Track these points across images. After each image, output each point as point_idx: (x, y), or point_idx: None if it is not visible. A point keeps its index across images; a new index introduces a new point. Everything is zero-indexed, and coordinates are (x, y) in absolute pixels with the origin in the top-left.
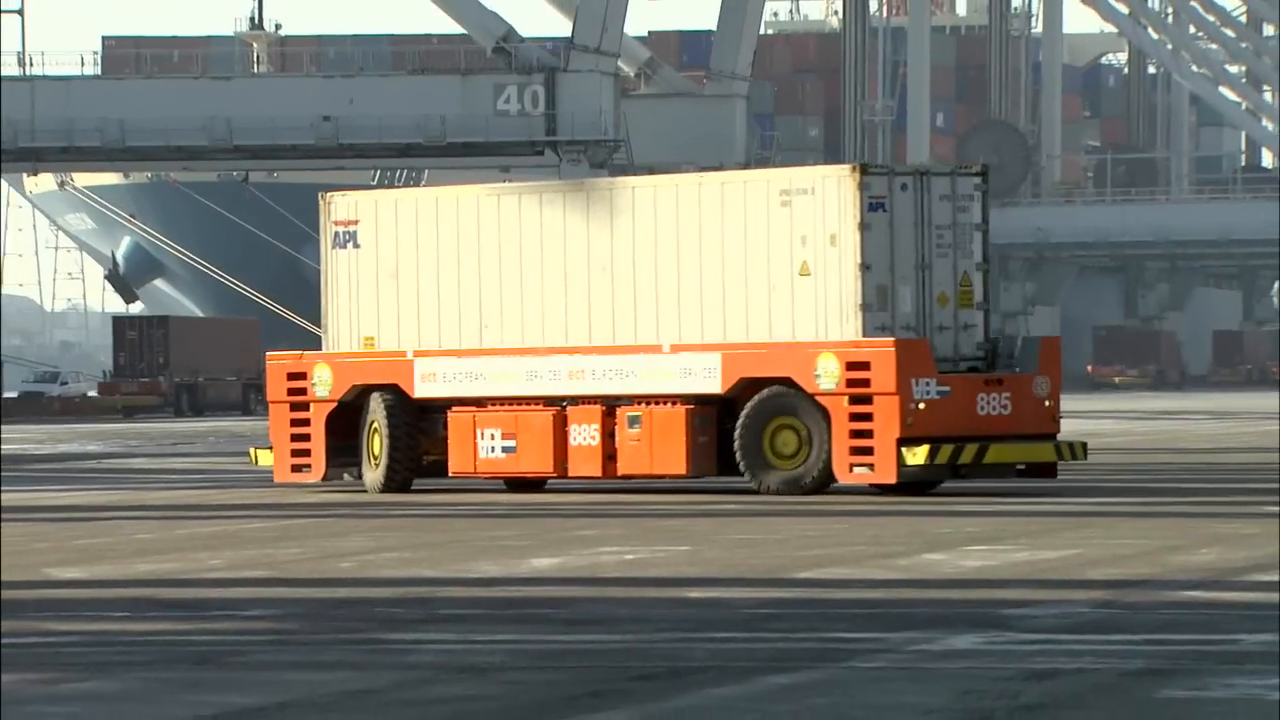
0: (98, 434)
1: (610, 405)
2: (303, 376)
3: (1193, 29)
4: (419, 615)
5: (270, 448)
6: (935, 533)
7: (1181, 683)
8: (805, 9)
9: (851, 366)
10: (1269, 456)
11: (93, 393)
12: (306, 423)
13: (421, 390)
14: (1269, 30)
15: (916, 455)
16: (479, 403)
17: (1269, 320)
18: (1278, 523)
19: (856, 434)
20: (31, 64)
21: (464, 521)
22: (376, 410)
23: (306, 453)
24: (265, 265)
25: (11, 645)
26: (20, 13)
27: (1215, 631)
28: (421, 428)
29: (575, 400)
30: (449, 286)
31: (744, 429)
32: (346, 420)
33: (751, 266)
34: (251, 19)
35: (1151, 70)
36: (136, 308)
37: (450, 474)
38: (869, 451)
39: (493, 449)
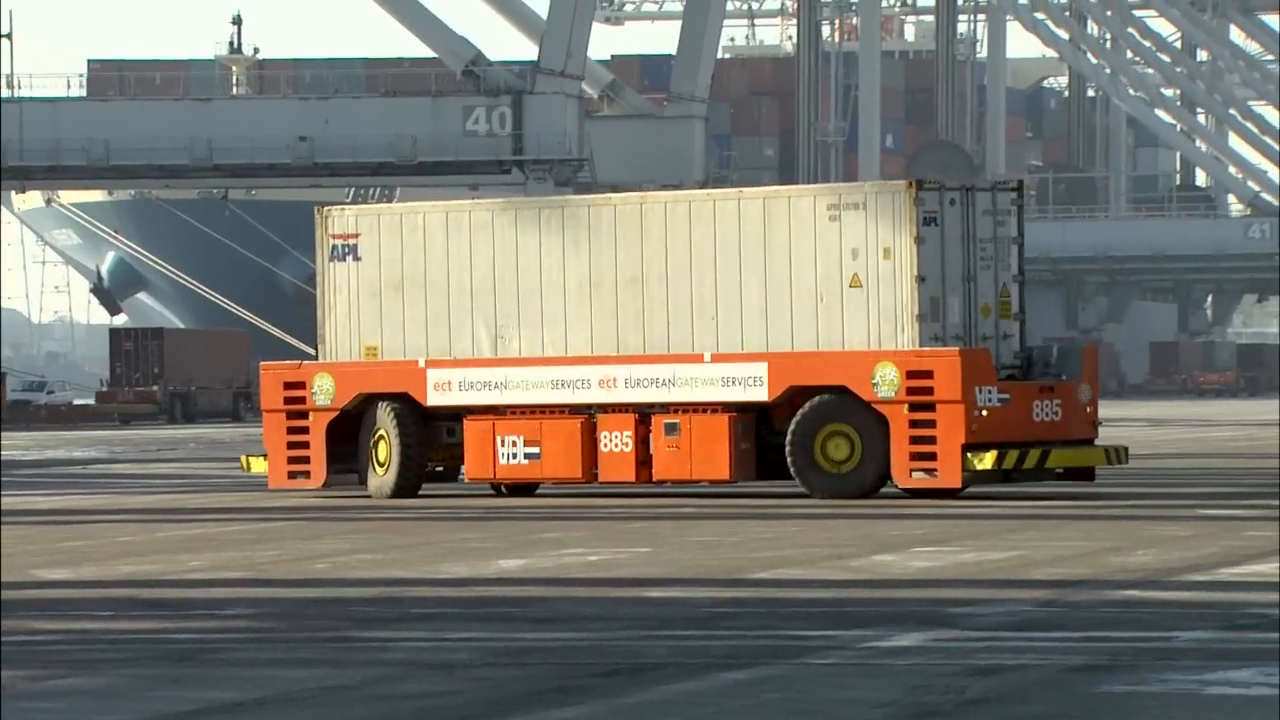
0: (85, 441)
1: (643, 413)
2: (301, 385)
3: (1130, 54)
4: (391, 614)
5: (264, 455)
6: (885, 535)
7: (1120, 678)
8: (761, 34)
9: (912, 375)
10: (1203, 462)
11: (88, 401)
12: (304, 430)
13: (435, 399)
14: (1202, 55)
15: (984, 460)
16: (497, 411)
17: (1202, 332)
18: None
19: (917, 440)
20: (19, 86)
21: (434, 524)
22: (384, 418)
23: (304, 459)
24: (243, 279)
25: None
26: (8, 37)
27: (1152, 629)
28: (428, 435)
29: (604, 408)
30: (461, 297)
31: (795, 435)
32: (342, 428)
33: (798, 278)
34: (231, 43)
35: (1091, 93)
36: (121, 320)
37: (467, 480)
38: (931, 457)
39: (514, 455)
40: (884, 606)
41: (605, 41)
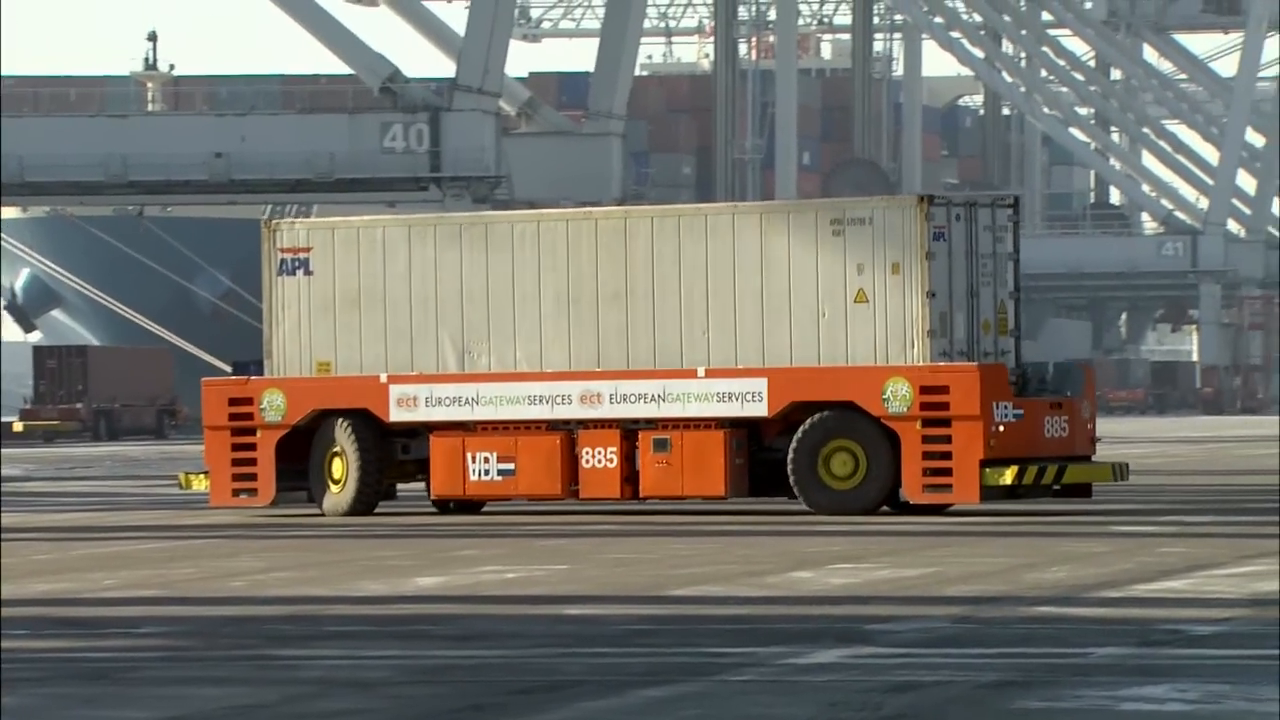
0: (7, 459)
1: (628, 429)
2: (248, 401)
3: (1045, 73)
4: (307, 632)
5: (204, 472)
6: (803, 552)
7: (1035, 694)
8: (678, 52)
9: (926, 390)
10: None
11: (10, 419)
12: (250, 447)
13: (398, 415)
14: (1116, 74)
15: (1004, 476)
16: (465, 427)
17: (1116, 349)
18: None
19: (930, 456)
20: None
21: (351, 542)
22: (341, 435)
23: (249, 476)
24: (158, 296)
25: None
26: None
27: (1067, 645)
28: (386, 452)
29: (585, 424)
30: (425, 312)
31: (797, 451)
32: (289, 446)
33: (797, 294)
34: (146, 60)
35: (1006, 111)
36: (35, 337)
37: (432, 497)
38: (946, 473)
39: (487, 471)
40: (801, 623)
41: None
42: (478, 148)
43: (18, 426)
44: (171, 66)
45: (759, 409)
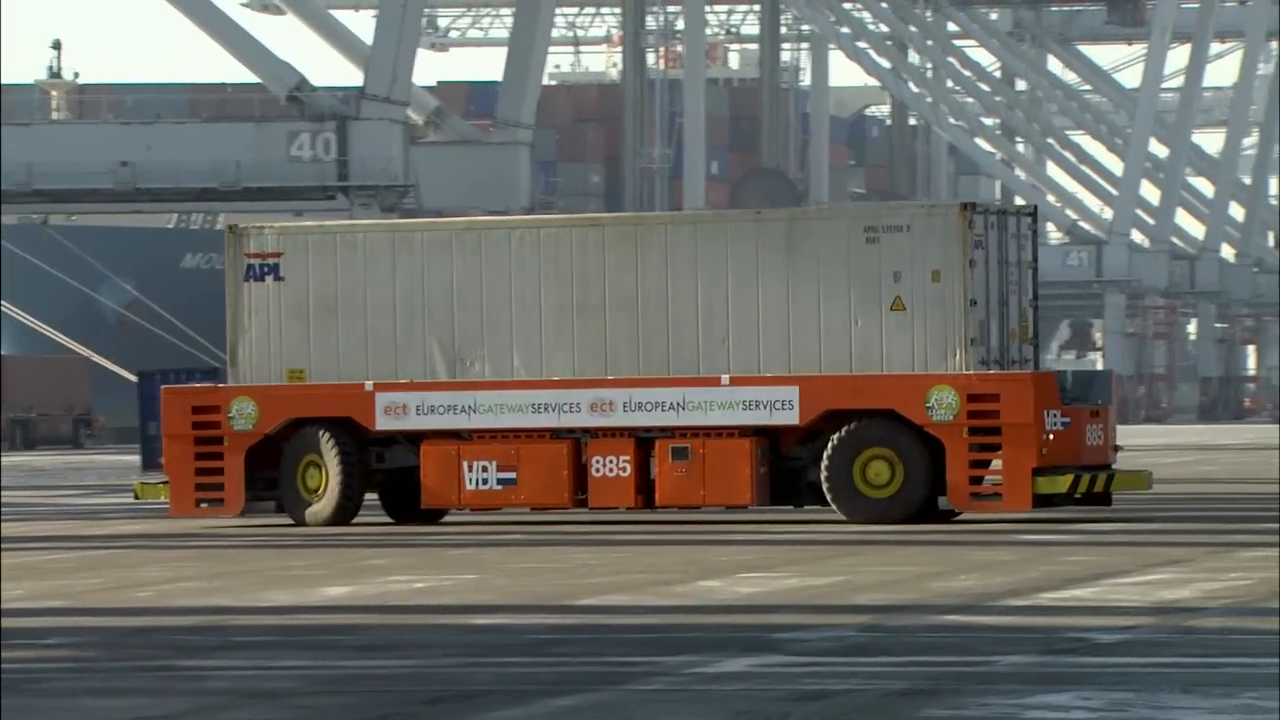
0: None
1: (641, 437)
2: (214, 409)
3: (951, 83)
4: (214, 642)
5: (162, 482)
6: (711, 561)
7: (941, 702)
8: (586, 61)
9: (974, 398)
10: None
11: None
12: (215, 456)
13: (385, 423)
14: (1021, 85)
15: (1058, 485)
16: (459, 435)
17: None
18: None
19: (979, 464)
20: None
21: (259, 552)
22: (321, 443)
23: (214, 487)
24: (63, 305)
25: None
26: None
27: (973, 654)
28: (365, 461)
29: (594, 432)
30: (412, 319)
31: (832, 460)
32: (256, 455)
33: (827, 302)
34: (50, 68)
35: (912, 122)
36: None
37: (423, 506)
38: (996, 482)
39: (485, 480)
40: (709, 632)
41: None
42: (385, 157)
43: None
44: (76, 74)
45: (788, 417)
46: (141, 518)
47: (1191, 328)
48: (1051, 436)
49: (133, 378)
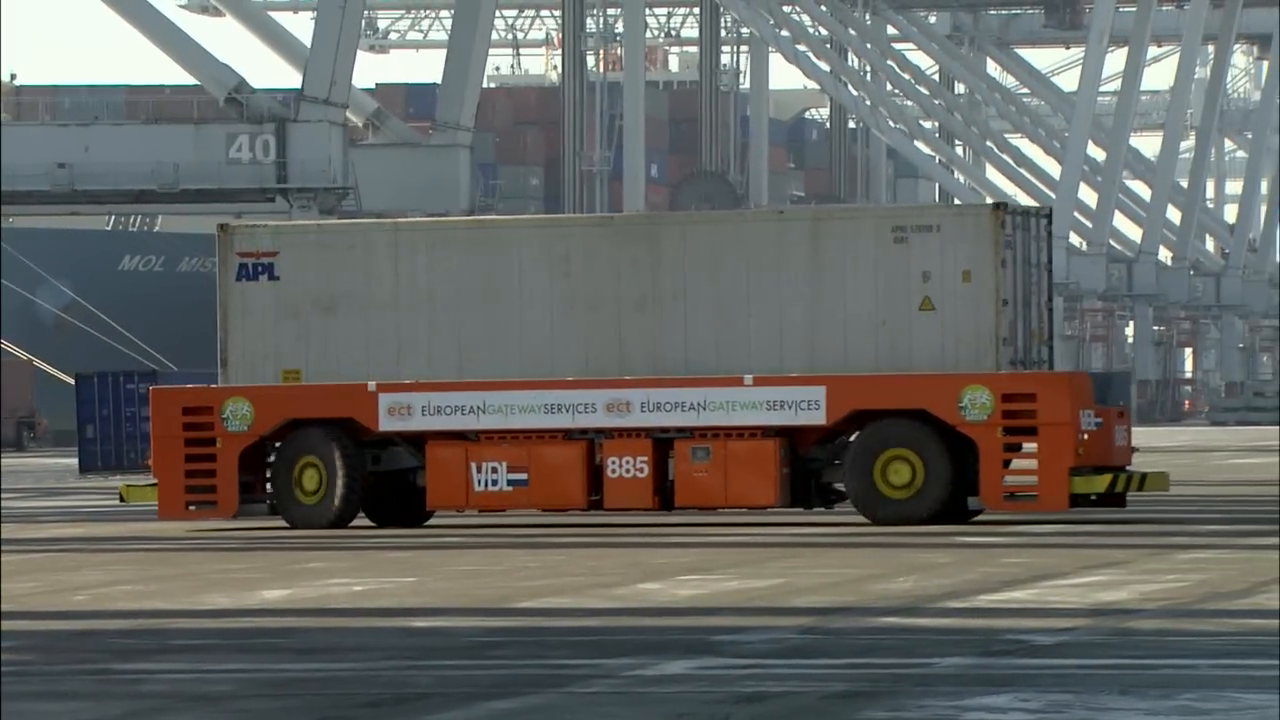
0: None
1: (659, 438)
2: (207, 410)
3: (890, 86)
4: (151, 646)
5: (150, 484)
6: (651, 563)
7: (880, 704)
8: (526, 64)
9: (1009, 398)
10: None
11: None
12: (207, 458)
13: (389, 424)
14: (960, 88)
15: (1096, 484)
16: (467, 436)
17: None
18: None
19: (1011, 464)
20: None
21: (197, 555)
22: (320, 445)
23: (205, 489)
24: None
25: None
26: None
27: (911, 655)
28: (365, 463)
29: (610, 433)
30: (415, 319)
31: (855, 460)
32: (247, 456)
33: (852, 301)
34: None
35: (852, 125)
36: None
37: (428, 508)
38: (1031, 482)
39: (495, 482)
40: (649, 635)
41: (370, 70)
42: (324, 159)
43: None
44: (13, 76)
45: (814, 417)
46: (79, 521)
47: (1129, 330)
48: (1086, 436)
49: (70, 379)
